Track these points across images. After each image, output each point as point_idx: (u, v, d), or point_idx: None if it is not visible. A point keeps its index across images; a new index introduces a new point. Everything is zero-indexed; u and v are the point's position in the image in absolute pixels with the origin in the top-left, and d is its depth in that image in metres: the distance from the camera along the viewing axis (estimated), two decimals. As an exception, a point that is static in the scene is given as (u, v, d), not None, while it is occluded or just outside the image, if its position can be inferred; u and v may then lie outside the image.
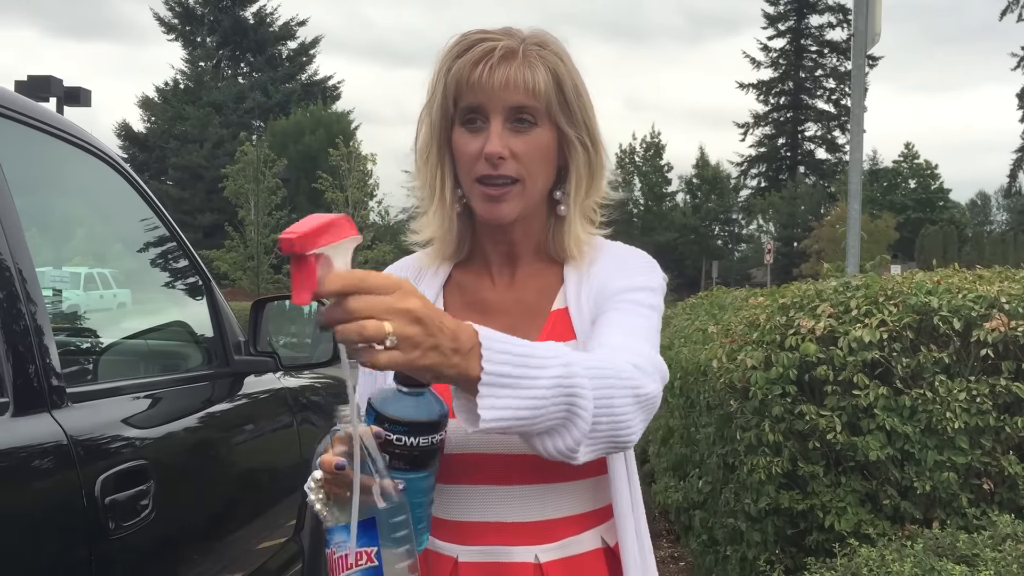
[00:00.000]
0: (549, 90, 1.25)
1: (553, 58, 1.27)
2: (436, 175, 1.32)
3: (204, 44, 53.39)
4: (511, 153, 1.24)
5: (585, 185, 1.32)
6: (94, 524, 1.62)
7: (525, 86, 1.23)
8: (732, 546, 3.59)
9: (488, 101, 1.24)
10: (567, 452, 1.05)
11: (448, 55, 1.27)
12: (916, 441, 3.01)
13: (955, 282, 3.33)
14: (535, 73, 1.24)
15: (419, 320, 0.90)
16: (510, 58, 1.23)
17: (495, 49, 1.23)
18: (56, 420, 1.61)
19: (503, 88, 1.23)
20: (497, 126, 1.24)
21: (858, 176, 6.41)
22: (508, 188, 1.26)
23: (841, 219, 28.14)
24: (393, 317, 0.89)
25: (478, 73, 1.22)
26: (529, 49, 1.25)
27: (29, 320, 1.63)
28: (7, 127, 1.82)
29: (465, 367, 0.95)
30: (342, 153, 32.73)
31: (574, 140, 1.29)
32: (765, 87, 57.87)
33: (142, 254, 2.65)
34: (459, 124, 1.28)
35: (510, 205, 1.27)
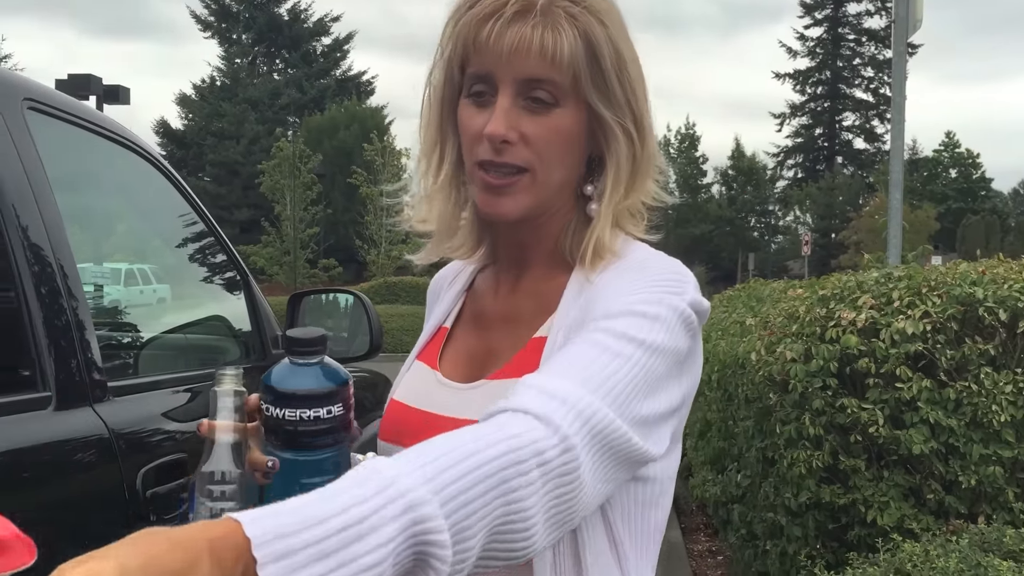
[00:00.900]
0: (578, 59, 0.97)
1: (587, 18, 0.98)
2: (434, 156, 1.08)
3: (240, 41, 53.91)
4: (520, 136, 0.98)
5: (625, 183, 1.03)
6: (136, 516, 1.63)
7: (543, 52, 0.95)
8: (772, 541, 3.55)
9: (496, 69, 0.98)
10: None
11: (461, 5, 1.01)
12: (961, 434, 2.96)
13: (1000, 272, 3.27)
14: (559, 36, 0.96)
15: None
16: (526, 14, 0.95)
17: (509, 2, 0.96)
18: (98, 414, 1.63)
19: (514, 53, 0.96)
20: (505, 101, 0.98)
21: (899, 165, 6.32)
22: (514, 179, 1.00)
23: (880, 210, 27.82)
24: None
25: (486, 33, 0.96)
26: (557, 4, 0.97)
27: (71, 315, 1.64)
28: (49, 124, 1.83)
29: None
30: (376, 148, 32.93)
31: (612, 125, 1.01)
32: (802, 76, 57.30)
33: (180, 250, 2.67)
34: (465, 94, 1.02)
35: (515, 200, 1.01)
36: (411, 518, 0.67)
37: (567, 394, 0.83)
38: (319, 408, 0.92)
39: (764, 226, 58.41)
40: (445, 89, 1.05)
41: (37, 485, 1.45)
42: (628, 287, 0.97)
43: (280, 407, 0.92)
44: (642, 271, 1.00)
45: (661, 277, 0.99)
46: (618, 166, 1.03)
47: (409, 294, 24.65)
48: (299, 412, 0.92)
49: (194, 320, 2.79)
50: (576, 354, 0.89)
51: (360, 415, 3.07)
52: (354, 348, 2.82)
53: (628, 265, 1.01)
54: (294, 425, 0.92)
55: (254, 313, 2.58)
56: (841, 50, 56.68)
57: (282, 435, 0.93)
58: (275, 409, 0.92)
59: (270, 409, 0.93)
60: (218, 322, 2.71)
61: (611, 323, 0.92)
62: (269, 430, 0.94)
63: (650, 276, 0.99)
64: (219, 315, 2.71)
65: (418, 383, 1.08)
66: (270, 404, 0.93)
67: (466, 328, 1.15)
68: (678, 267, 1.01)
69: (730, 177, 55.96)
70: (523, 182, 1.00)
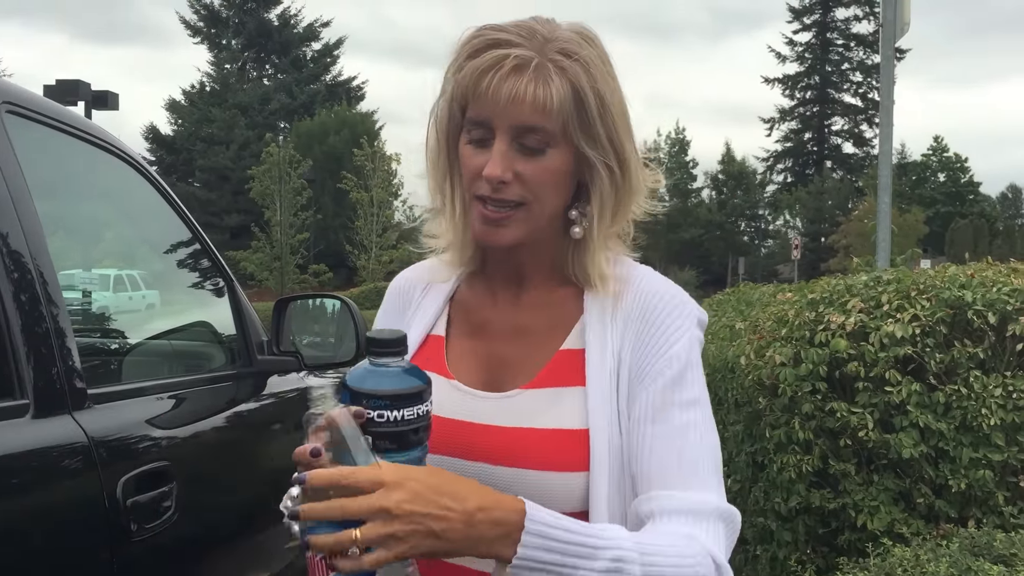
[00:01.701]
0: (566, 107, 1.08)
1: (576, 68, 1.08)
2: (445, 181, 1.19)
3: (229, 46, 53.78)
4: (515, 176, 1.09)
5: (611, 212, 1.15)
6: (116, 526, 1.61)
7: (535, 104, 1.06)
8: (762, 545, 3.54)
9: (494, 116, 1.08)
10: None
11: (461, 52, 1.11)
12: (951, 438, 2.96)
13: (989, 275, 3.27)
14: (548, 89, 1.07)
15: (399, 516, 0.87)
16: (522, 70, 1.06)
17: (507, 58, 1.06)
18: (77, 421, 1.60)
19: (510, 103, 1.06)
20: (502, 145, 1.08)
21: (888, 169, 6.33)
22: (510, 212, 1.11)
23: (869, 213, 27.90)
24: (369, 517, 0.87)
25: (485, 84, 1.07)
26: (547, 58, 1.08)
27: (50, 322, 1.62)
28: (29, 128, 1.81)
29: (490, 550, 0.92)
30: (367, 153, 32.88)
31: (596, 163, 1.12)
32: (791, 81, 57.46)
33: (168, 255, 2.65)
34: (464, 131, 1.13)
35: (510, 231, 1.12)
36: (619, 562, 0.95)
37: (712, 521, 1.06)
38: (422, 404, 0.98)
39: (754, 230, 58.54)
40: (449, 125, 1.16)
41: (13, 493, 1.43)
42: (666, 333, 1.13)
43: (397, 409, 0.95)
44: (663, 308, 1.15)
45: (678, 311, 1.16)
46: (602, 198, 1.14)
47: (399, 299, 24.61)
48: (416, 410, 0.97)
49: (178, 326, 2.76)
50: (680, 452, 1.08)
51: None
52: (340, 353, 2.80)
53: (648, 300, 1.16)
54: (407, 424, 0.96)
55: (239, 319, 2.56)
56: (830, 55, 56.87)
57: (395, 436, 0.96)
58: (391, 413, 0.95)
59: (384, 415, 0.95)
60: (203, 328, 2.69)
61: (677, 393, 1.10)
62: (381, 436, 0.95)
63: (672, 314, 1.15)
64: (204, 321, 2.69)
65: (440, 394, 1.08)
66: (383, 409, 0.95)
67: (465, 337, 1.22)
68: (678, 291, 1.19)
69: (720, 182, 56.09)
70: (518, 215, 1.11)
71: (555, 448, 1.09)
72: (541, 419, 1.11)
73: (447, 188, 1.19)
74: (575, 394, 1.12)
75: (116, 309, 4.88)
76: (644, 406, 1.10)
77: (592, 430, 1.09)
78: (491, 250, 1.20)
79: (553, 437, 1.10)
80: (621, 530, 1.00)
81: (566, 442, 1.09)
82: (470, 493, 0.92)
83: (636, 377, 1.12)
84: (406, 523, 0.87)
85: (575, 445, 1.09)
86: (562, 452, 1.09)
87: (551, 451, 1.09)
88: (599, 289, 1.17)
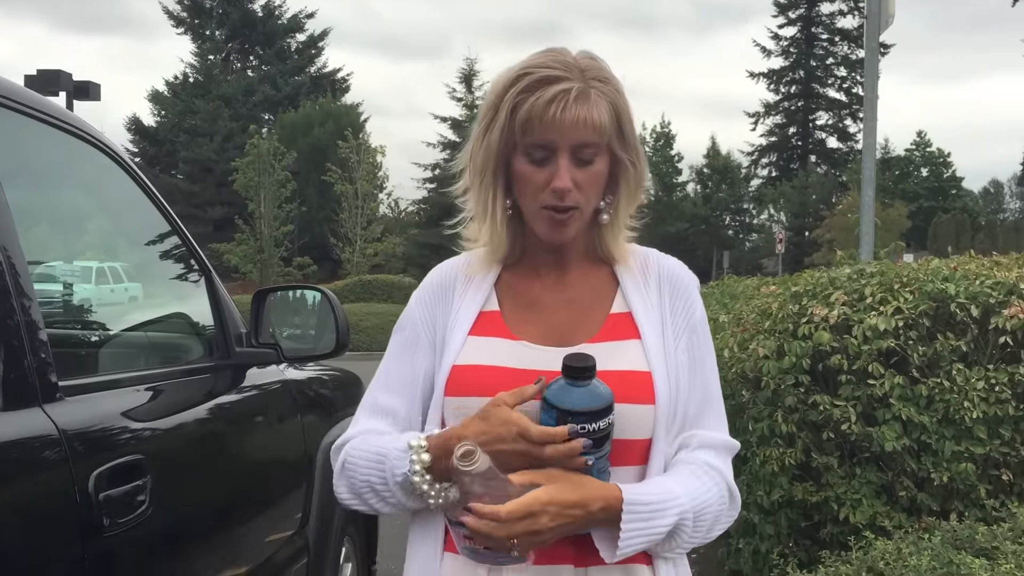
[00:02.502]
0: (611, 124, 1.35)
1: (613, 92, 1.36)
2: (490, 194, 1.42)
3: (213, 37, 53.44)
4: (574, 184, 1.35)
5: (634, 199, 1.45)
6: (87, 521, 1.57)
7: (593, 125, 1.33)
8: (745, 539, 3.53)
9: (559, 138, 1.33)
10: (660, 552, 1.36)
11: (512, 89, 1.35)
12: (933, 431, 2.96)
13: (972, 268, 3.27)
14: (601, 112, 1.34)
15: (543, 532, 1.23)
16: (582, 99, 1.32)
17: (570, 91, 1.31)
18: (47, 414, 1.57)
19: (573, 127, 1.32)
20: (565, 162, 1.34)
21: (872, 162, 6.33)
22: (570, 214, 1.37)
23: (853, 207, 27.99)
24: (523, 537, 1.22)
25: (552, 112, 1.31)
26: (593, 86, 1.34)
27: (20, 314, 1.58)
28: (10, 120, 1.78)
29: (606, 525, 1.29)
30: (351, 145, 32.74)
31: (626, 162, 1.40)
32: (776, 76, 57.55)
33: (148, 247, 2.61)
34: (521, 153, 1.36)
35: (571, 229, 1.39)
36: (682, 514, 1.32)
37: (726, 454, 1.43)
38: (612, 414, 1.27)
39: (739, 224, 58.68)
40: (500, 146, 1.38)
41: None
42: (691, 302, 1.47)
43: (595, 420, 1.25)
44: (687, 283, 1.49)
45: (695, 283, 1.51)
46: (628, 189, 1.43)
47: (384, 292, 24.52)
48: (608, 419, 1.26)
49: (155, 318, 2.72)
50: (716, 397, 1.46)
51: (330, 414, 3.00)
52: (321, 345, 2.77)
53: (673, 277, 1.48)
54: (602, 432, 1.26)
55: (217, 310, 2.52)
56: (814, 49, 56.97)
57: (597, 441, 1.26)
58: (591, 424, 1.24)
59: (585, 427, 1.24)
60: (180, 319, 2.65)
61: (710, 347, 1.46)
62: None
63: (692, 285, 1.49)
64: (181, 312, 2.65)
65: (511, 351, 1.39)
66: (586, 422, 1.24)
67: (520, 311, 1.46)
68: (685, 267, 1.53)
69: (705, 176, 56.13)
70: (576, 215, 1.38)
71: (628, 385, 1.33)
72: (611, 363, 1.34)
73: (490, 198, 1.42)
74: (634, 345, 1.39)
75: (95, 301, 4.83)
76: (683, 356, 1.41)
77: (654, 372, 1.37)
78: (535, 241, 1.44)
79: (625, 377, 1.34)
80: (676, 485, 1.34)
81: (635, 381, 1.35)
82: (591, 499, 1.26)
83: (673, 333, 1.43)
84: (550, 534, 1.25)
85: (643, 384, 1.35)
86: (634, 389, 1.34)
87: (625, 388, 1.32)
88: (624, 264, 1.46)
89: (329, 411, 3.17)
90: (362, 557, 3.52)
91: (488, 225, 1.44)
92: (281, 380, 2.82)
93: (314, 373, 3.27)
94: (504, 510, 1.21)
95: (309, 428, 2.88)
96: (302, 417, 2.86)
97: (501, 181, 1.41)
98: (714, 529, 1.39)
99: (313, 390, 3.16)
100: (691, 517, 1.33)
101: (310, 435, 2.87)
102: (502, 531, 1.21)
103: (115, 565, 1.68)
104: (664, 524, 1.30)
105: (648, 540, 1.30)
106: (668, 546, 1.35)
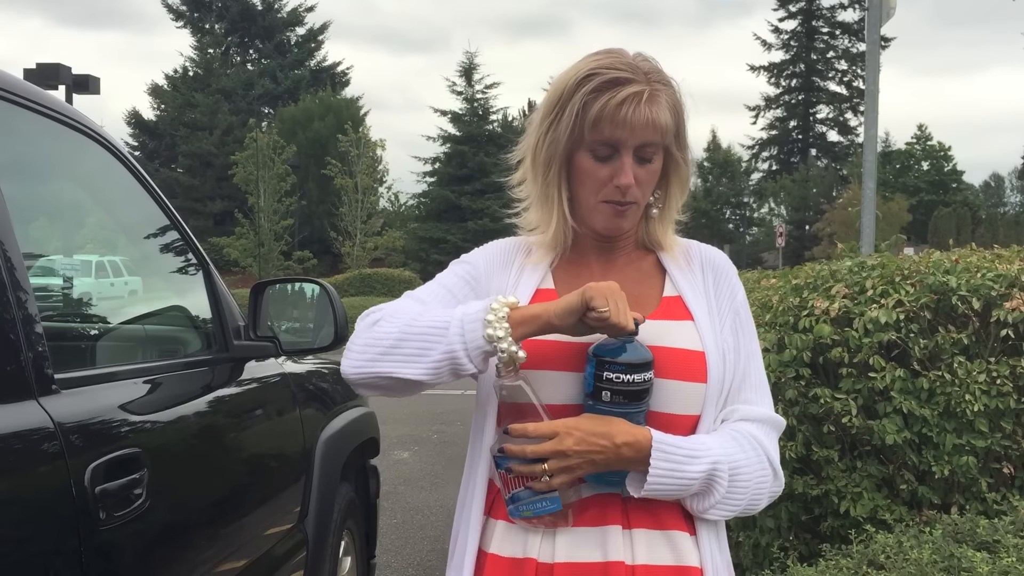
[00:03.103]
0: (672, 126, 1.43)
1: (674, 94, 1.44)
2: (556, 188, 1.48)
3: (213, 31, 53.27)
4: (636, 181, 1.42)
5: (683, 193, 1.53)
6: (84, 514, 1.56)
7: (657, 126, 1.39)
8: (745, 532, 3.52)
9: (627, 138, 1.39)
10: (699, 511, 1.41)
11: (581, 89, 1.40)
12: (934, 424, 2.94)
13: (974, 261, 3.25)
14: (665, 113, 1.41)
15: (571, 455, 1.32)
16: (652, 100, 1.39)
17: (641, 94, 1.38)
18: (43, 407, 1.56)
19: (643, 127, 1.38)
20: (629, 160, 1.41)
21: (873, 154, 6.31)
22: (629, 207, 1.45)
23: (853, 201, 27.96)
24: (550, 456, 1.32)
25: (623, 112, 1.37)
26: (658, 90, 1.41)
27: (15, 307, 1.57)
28: (8, 113, 1.76)
29: (632, 466, 1.35)
30: (351, 139, 32.71)
31: (679, 159, 1.48)
32: (776, 69, 57.40)
33: (147, 241, 2.60)
34: (586, 150, 1.43)
35: (629, 220, 1.48)
36: (715, 464, 1.37)
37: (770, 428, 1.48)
38: (649, 371, 1.35)
39: (739, 218, 58.60)
40: (566, 142, 1.43)
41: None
42: (734, 287, 1.54)
43: (631, 374, 1.32)
44: (727, 269, 1.56)
45: (733, 268, 1.58)
46: (680, 184, 1.51)
47: (384, 286, 24.53)
48: (644, 375, 1.34)
49: (153, 311, 2.71)
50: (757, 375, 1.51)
51: (330, 407, 2.98)
52: (319, 339, 2.76)
53: (715, 265, 1.56)
54: (637, 386, 1.34)
55: (215, 303, 2.51)
56: (815, 43, 56.82)
57: (627, 395, 1.34)
58: (626, 376, 1.32)
59: (621, 377, 1.32)
60: (178, 312, 2.64)
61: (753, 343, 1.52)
62: (617, 393, 1.33)
63: (732, 270, 1.57)
64: (179, 305, 2.64)
65: None
66: (621, 373, 1.32)
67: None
68: (726, 257, 1.61)
69: (706, 169, 56.03)
70: (633, 208, 1.46)
71: (683, 363, 1.41)
72: (670, 340, 1.42)
73: (555, 192, 1.48)
74: (688, 326, 1.46)
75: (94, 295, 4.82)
76: (728, 338, 1.48)
77: (707, 352, 1.43)
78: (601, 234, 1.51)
79: (680, 355, 1.42)
80: (712, 440, 1.39)
81: (690, 359, 1.42)
82: (617, 432, 1.32)
83: (719, 316, 1.50)
84: (576, 458, 1.32)
85: (697, 363, 1.42)
86: (688, 367, 1.41)
87: (680, 366, 1.41)
88: (670, 253, 1.54)
89: (328, 405, 3.16)
90: (361, 550, 3.52)
91: (554, 216, 1.50)
92: (280, 373, 2.81)
93: (313, 366, 3.26)
94: (532, 426, 1.33)
95: (308, 421, 2.87)
96: (301, 410, 2.85)
97: (564, 176, 1.48)
98: (756, 499, 1.43)
99: (312, 383, 3.15)
100: (725, 471, 1.37)
101: (309, 428, 2.86)
102: (531, 448, 1.31)
103: (112, 559, 1.67)
104: (695, 471, 1.35)
105: (678, 484, 1.35)
106: (704, 503, 1.39)
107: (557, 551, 1.38)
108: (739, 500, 1.41)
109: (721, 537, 1.47)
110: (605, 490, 1.40)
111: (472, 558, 1.43)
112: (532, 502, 1.35)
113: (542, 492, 1.34)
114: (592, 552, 1.37)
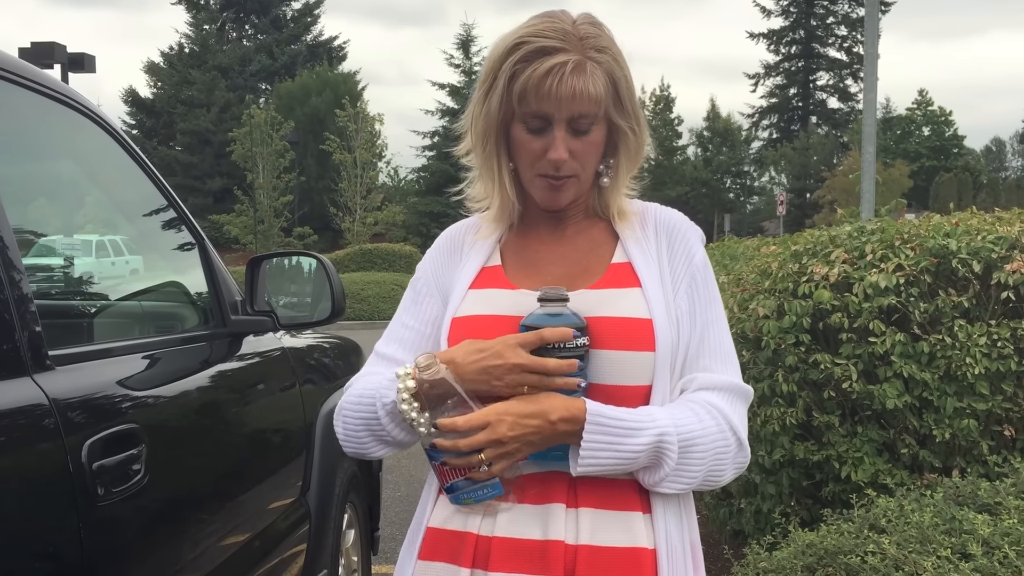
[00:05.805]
0: (608, 94, 1.36)
1: (610, 62, 1.37)
2: (494, 160, 1.45)
3: (208, 7, 52.86)
4: (570, 154, 1.37)
5: (633, 163, 1.46)
6: (81, 490, 1.56)
7: (588, 97, 1.34)
8: (746, 499, 3.53)
9: (555, 111, 1.34)
10: (650, 484, 1.35)
11: (509, 58, 1.36)
12: (935, 388, 2.94)
13: (974, 224, 3.24)
14: (597, 83, 1.34)
15: (506, 441, 1.28)
16: (578, 71, 1.33)
17: (566, 64, 1.32)
18: (37, 384, 1.55)
19: (570, 99, 1.33)
20: (561, 133, 1.36)
21: (872, 118, 6.28)
22: (566, 181, 1.41)
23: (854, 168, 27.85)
24: (486, 447, 1.28)
25: (547, 85, 1.32)
26: (590, 57, 1.35)
27: (6, 283, 1.56)
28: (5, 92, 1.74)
29: (568, 440, 1.31)
30: (349, 114, 32.54)
31: (625, 129, 1.42)
32: (776, 36, 57.06)
33: (143, 219, 2.58)
34: (519, 122, 1.39)
35: (568, 194, 1.43)
36: (661, 436, 1.31)
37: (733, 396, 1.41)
38: (586, 335, 1.33)
39: (740, 187, 58.40)
40: (501, 117, 1.40)
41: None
42: (690, 247, 1.48)
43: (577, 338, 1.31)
44: (686, 231, 1.50)
45: (693, 231, 1.51)
46: (628, 154, 1.45)
47: (385, 261, 24.49)
48: (584, 339, 1.32)
49: (149, 287, 2.70)
50: (716, 350, 1.43)
51: (330, 382, 2.98)
52: (317, 313, 2.75)
53: (671, 227, 1.50)
54: (582, 348, 1.32)
55: (212, 278, 2.50)
56: (815, 8, 56.44)
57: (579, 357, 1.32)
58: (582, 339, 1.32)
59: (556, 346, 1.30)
60: (174, 288, 2.63)
61: (713, 308, 1.45)
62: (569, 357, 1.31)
63: (691, 233, 1.50)
64: (175, 281, 2.63)
65: (510, 300, 1.43)
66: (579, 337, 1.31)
67: (521, 266, 1.50)
68: (683, 216, 1.54)
69: (705, 139, 55.78)
70: (571, 182, 1.42)
71: (628, 331, 1.36)
72: (612, 309, 1.38)
73: (494, 164, 1.45)
74: (635, 293, 1.40)
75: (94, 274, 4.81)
76: (683, 303, 1.42)
77: (655, 319, 1.37)
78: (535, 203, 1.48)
79: (625, 323, 1.37)
80: (660, 411, 1.34)
81: (636, 328, 1.37)
82: (552, 409, 1.29)
83: (672, 280, 1.44)
84: (513, 444, 1.28)
85: (643, 330, 1.36)
86: (635, 335, 1.36)
87: (625, 334, 1.36)
88: (624, 219, 1.49)
89: (329, 379, 3.16)
90: (365, 523, 3.53)
91: (495, 188, 1.48)
92: (280, 348, 2.80)
93: (314, 341, 3.25)
94: (461, 419, 1.28)
95: (308, 396, 2.87)
96: (301, 384, 2.84)
97: (504, 148, 1.44)
98: (717, 471, 1.37)
99: (313, 358, 3.14)
100: (674, 443, 1.31)
101: (309, 403, 2.86)
102: (464, 442, 1.27)
103: (111, 535, 1.67)
104: (637, 443, 1.29)
105: (618, 458, 1.30)
106: (654, 476, 1.33)
107: (497, 527, 1.36)
108: (695, 472, 1.34)
109: (685, 516, 1.41)
110: (551, 466, 1.36)
111: (422, 533, 1.44)
112: (473, 490, 1.32)
113: (482, 480, 1.31)
114: (532, 530, 1.34)
